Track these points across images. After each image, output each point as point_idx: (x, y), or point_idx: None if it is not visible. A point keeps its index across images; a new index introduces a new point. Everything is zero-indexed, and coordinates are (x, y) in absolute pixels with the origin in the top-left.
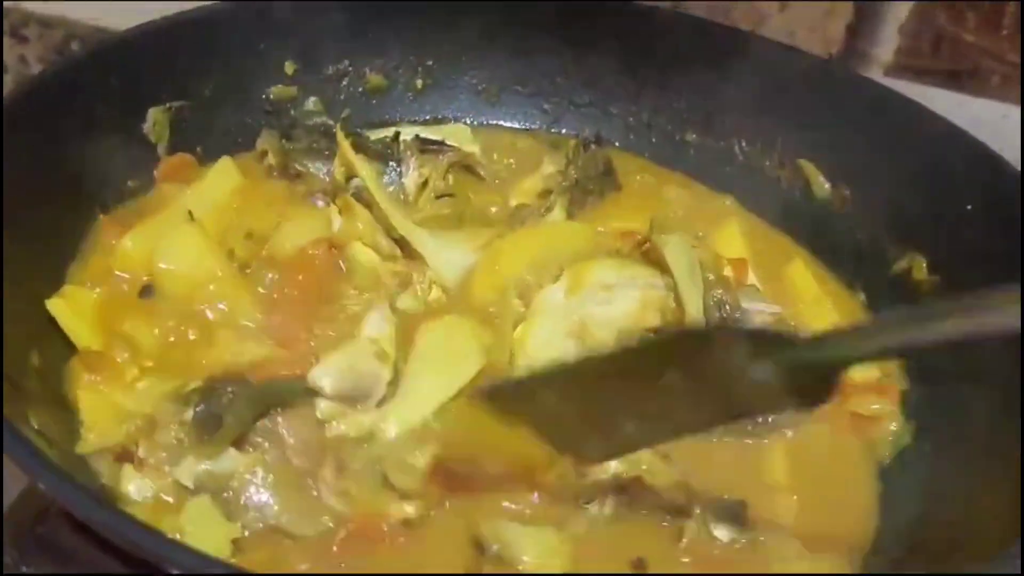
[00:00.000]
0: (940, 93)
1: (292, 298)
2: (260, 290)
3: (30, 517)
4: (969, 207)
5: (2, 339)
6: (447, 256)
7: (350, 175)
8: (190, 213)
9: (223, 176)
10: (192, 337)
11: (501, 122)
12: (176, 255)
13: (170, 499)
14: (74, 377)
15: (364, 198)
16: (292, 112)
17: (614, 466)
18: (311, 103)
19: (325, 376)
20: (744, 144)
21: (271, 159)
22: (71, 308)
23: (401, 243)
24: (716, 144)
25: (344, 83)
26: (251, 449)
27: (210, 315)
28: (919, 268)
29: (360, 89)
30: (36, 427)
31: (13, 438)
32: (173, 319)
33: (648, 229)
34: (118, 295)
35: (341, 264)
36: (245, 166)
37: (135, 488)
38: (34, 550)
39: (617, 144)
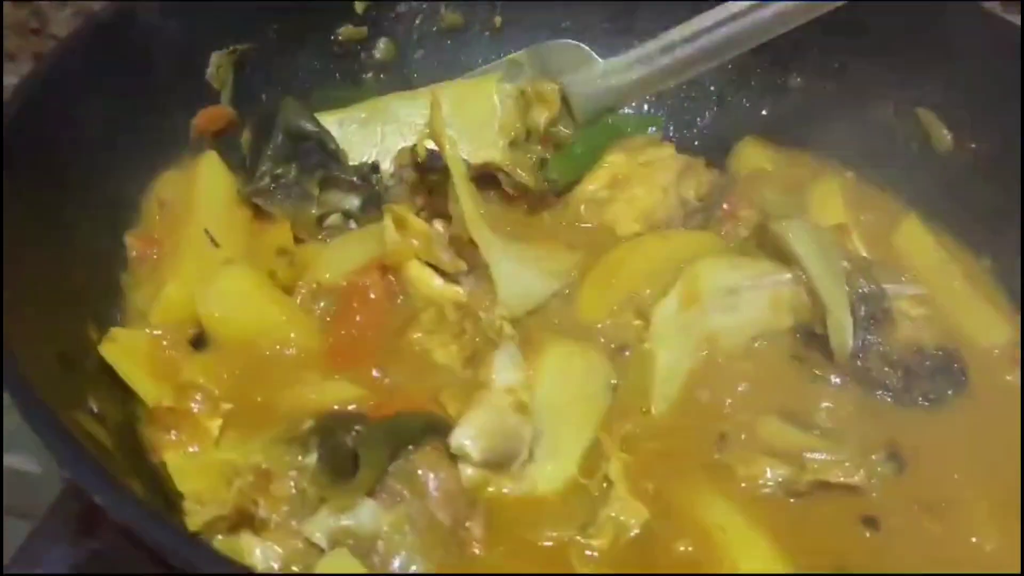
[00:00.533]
0: None
1: (355, 336)
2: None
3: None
4: None
5: None
6: (523, 275)
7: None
8: (207, 233)
9: (214, 176)
10: (265, 378)
11: None
12: (229, 302)
13: (299, 568)
14: (153, 441)
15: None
16: (362, 55)
17: (781, 475)
18: (382, 45)
19: (470, 439)
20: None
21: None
22: (126, 355)
23: (465, 254)
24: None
25: (417, 22)
26: (387, 497)
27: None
28: None
29: (434, 28)
30: (96, 410)
31: (59, 440)
32: (238, 363)
33: (760, 215)
34: (172, 339)
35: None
36: None
37: (261, 555)
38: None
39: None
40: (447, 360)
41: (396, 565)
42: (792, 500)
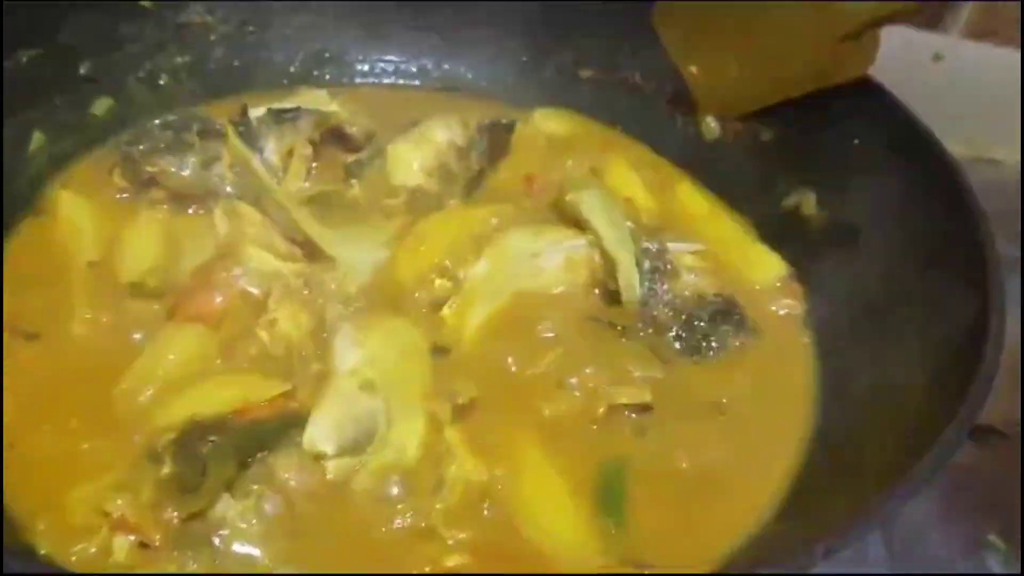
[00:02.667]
0: None
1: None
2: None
3: None
4: (856, 141)
5: None
6: (357, 253)
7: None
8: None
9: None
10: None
11: (384, 55)
12: None
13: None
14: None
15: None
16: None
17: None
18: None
19: (323, 438)
20: (639, 78)
21: (118, 175)
22: None
23: (301, 243)
24: (611, 79)
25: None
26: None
27: None
28: (808, 204)
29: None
30: None
31: None
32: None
33: (557, 186)
34: None
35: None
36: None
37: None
38: None
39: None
40: (297, 332)
41: (239, 551)
42: (595, 427)
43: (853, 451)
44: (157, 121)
